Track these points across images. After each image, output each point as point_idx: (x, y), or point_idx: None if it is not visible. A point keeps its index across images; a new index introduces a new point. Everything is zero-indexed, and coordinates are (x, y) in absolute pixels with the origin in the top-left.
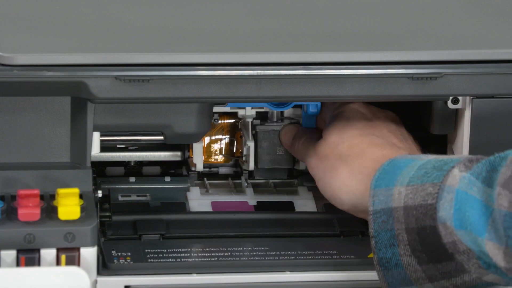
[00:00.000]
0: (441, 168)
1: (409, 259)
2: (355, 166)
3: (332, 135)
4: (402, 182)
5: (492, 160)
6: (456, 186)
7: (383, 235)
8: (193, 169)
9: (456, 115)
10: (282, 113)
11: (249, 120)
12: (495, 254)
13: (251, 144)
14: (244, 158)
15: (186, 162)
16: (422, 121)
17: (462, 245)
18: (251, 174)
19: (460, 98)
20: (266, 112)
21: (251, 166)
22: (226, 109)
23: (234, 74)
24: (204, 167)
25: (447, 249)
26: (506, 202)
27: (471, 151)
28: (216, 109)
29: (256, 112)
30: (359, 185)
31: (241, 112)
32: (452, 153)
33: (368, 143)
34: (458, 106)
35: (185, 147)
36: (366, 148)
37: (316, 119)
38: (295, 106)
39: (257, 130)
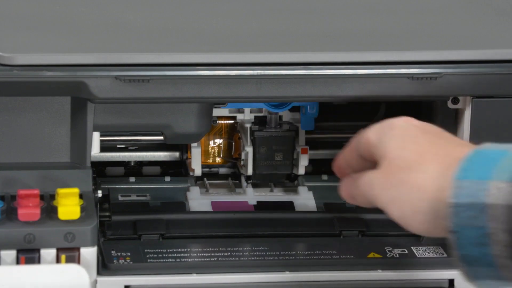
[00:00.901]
0: None
1: (506, 261)
2: (431, 168)
3: (390, 151)
4: (501, 177)
5: None
6: None
7: (469, 231)
8: (191, 173)
9: (456, 115)
10: (280, 118)
11: (248, 125)
12: None
13: (249, 149)
14: (242, 163)
15: (184, 163)
16: (422, 121)
17: None
18: (249, 178)
19: (460, 98)
20: (265, 117)
21: (250, 171)
22: (225, 112)
23: (234, 74)
24: (203, 167)
25: None
26: None
27: None
28: (215, 113)
29: (255, 116)
30: (439, 184)
31: (239, 117)
32: None
33: (445, 141)
34: (458, 106)
35: (182, 148)
36: (439, 151)
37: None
38: (292, 110)
39: (256, 136)
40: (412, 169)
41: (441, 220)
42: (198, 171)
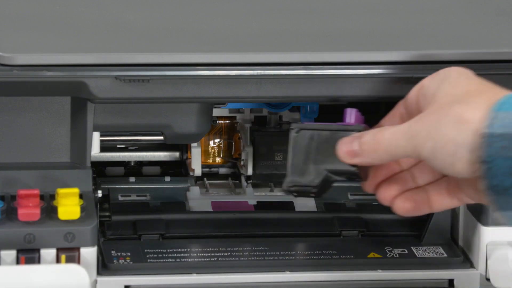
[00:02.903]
0: None
1: None
2: (479, 101)
3: (442, 89)
4: None
5: None
6: None
7: (501, 162)
8: (191, 173)
9: None
10: (280, 118)
11: (248, 125)
12: None
13: (249, 149)
14: (242, 163)
15: (184, 163)
16: None
17: None
18: (249, 178)
19: None
20: (265, 117)
21: (250, 171)
22: (225, 112)
23: (234, 74)
24: (203, 167)
25: None
26: None
27: None
28: (215, 113)
29: (255, 116)
30: (481, 118)
31: (239, 117)
32: None
33: (489, 86)
34: None
35: (182, 148)
36: (487, 89)
37: None
38: (292, 110)
39: (255, 136)
40: (461, 101)
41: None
42: (198, 171)
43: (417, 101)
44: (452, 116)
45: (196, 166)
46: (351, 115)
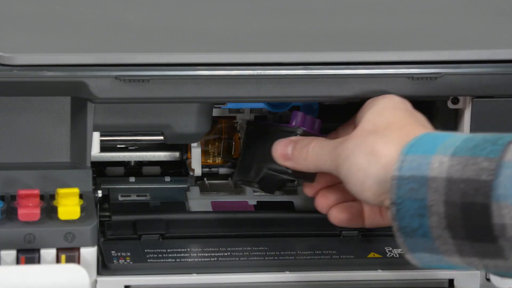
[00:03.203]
0: (495, 142)
1: (442, 232)
2: (391, 138)
3: (368, 115)
4: (444, 152)
5: None
6: None
7: (409, 203)
8: (191, 173)
9: (456, 115)
10: (280, 117)
11: None
12: None
13: None
14: None
15: (184, 163)
16: None
17: None
18: None
19: (460, 98)
20: (264, 117)
21: None
22: (225, 112)
23: (234, 74)
24: (203, 167)
25: (494, 230)
26: None
27: None
28: (215, 113)
29: (255, 116)
30: (389, 155)
31: (239, 117)
32: None
33: (410, 122)
34: (458, 106)
35: (182, 148)
36: (407, 125)
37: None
38: (292, 109)
39: None
40: (378, 133)
41: (386, 190)
42: (198, 171)
43: (358, 118)
44: (366, 146)
45: (196, 166)
46: (296, 118)
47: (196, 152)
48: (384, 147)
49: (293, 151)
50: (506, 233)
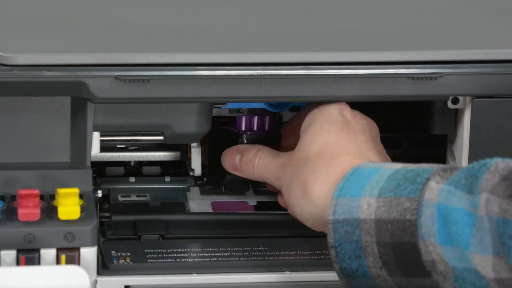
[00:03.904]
0: (415, 180)
1: (379, 271)
2: (321, 173)
3: (304, 139)
4: (371, 193)
5: (471, 167)
6: (436, 201)
7: (347, 246)
8: (191, 173)
9: (456, 115)
10: (280, 118)
11: None
12: (483, 266)
13: None
14: None
15: (183, 163)
16: (422, 121)
17: (441, 265)
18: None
19: (460, 98)
20: (233, 121)
21: None
22: (224, 112)
23: (234, 74)
24: (203, 167)
25: (425, 266)
26: (497, 207)
27: (471, 151)
28: (214, 113)
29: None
30: (321, 193)
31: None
32: (452, 153)
33: (339, 151)
34: (458, 106)
35: (182, 148)
36: (337, 155)
37: (284, 126)
38: (292, 109)
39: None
40: (309, 164)
41: (322, 224)
42: (198, 171)
43: (301, 131)
44: (300, 181)
45: (196, 166)
46: (241, 123)
47: (196, 152)
48: (314, 185)
49: (240, 163)
50: (437, 268)
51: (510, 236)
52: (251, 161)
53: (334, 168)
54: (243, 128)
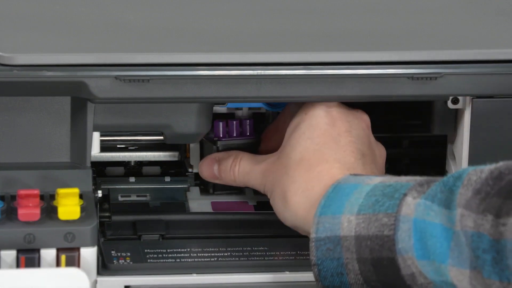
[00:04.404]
0: (392, 195)
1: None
2: (300, 185)
3: (287, 145)
4: (351, 211)
5: (446, 181)
6: (413, 216)
7: (329, 263)
8: (190, 170)
9: (456, 115)
10: (279, 114)
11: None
12: (460, 279)
13: None
14: None
15: (182, 163)
16: (422, 121)
17: (421, 278)
18: None
19: (460, 98)
20: (263, 114)
21: None
22: (223, 110)
23: (234, 74)
24: None
25: (405, 281)
26: (471, 222)
27: (471, 151)
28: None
29: (253, 113)
30: (301, 206)
31: (238, 114)
32: (452, 153)
33: (318, 159)
34: (458, 106)
35: (181, 147)
36: (315, 165)
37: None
38: None
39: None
40: (289, 173)
41: (304, 231)
42: (197, 168)
43: (286, 135)
44: (280, 190)
45: (195, 162)
46: (217, 130)
47: (195, 149)
48: (293, 197)
49: (219, 172)
50: (417, 281)
51: (484, 250)
52: (231, 169)
53: (312, 180)
54: (219, 135)
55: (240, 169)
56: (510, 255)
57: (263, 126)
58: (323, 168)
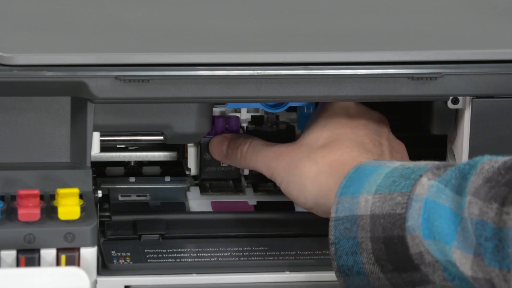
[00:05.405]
0: (409, 177)
1: (372, 267)
2: (323, 166)
3: (306, 134)
4: (369, 190)
5: (462, 167)
6: (425, 195)
7: (345, 242)
8: (187, 173)
9: (456, 115)
10: (277, 117)
11: (244, 124)
12: (463, 263)
13: None
14: None
15: (181, 163)
16: (422, 121)
17: (429, 256)
18: (246, 178)
19: (460, 98)
20: (261, 117)
21: (247, 170)
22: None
23: (234, 74)
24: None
25: (414, 260)
26: (477, 210)
27: (471, 151)
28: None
29: (252, 116)
30: (323, 186)
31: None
32: (452, 153)
33: (339, 145)
34: (458, 106)
35: (179, 147)
36: (337, 149)
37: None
38: (289, 110)
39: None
40: (310, 157)
41: (325, 210)
42: (194, 171)
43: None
44: (298, 173)
45: (192, 165)
46: (217, 126)
47: (192, 151)
48: (315, 178)
49: (227, 149)
50: (425, 259)
51: (487, 238)
52: (238, 148)
53: (335, 161)
54: (219, 130)
55: (249, 149)
56: (511, 244)
57: (262, 129)
58: (344, 152)
